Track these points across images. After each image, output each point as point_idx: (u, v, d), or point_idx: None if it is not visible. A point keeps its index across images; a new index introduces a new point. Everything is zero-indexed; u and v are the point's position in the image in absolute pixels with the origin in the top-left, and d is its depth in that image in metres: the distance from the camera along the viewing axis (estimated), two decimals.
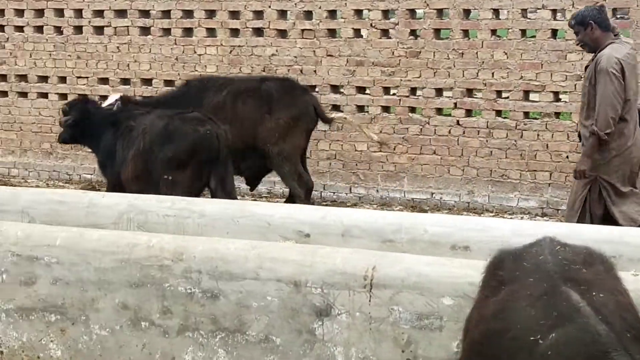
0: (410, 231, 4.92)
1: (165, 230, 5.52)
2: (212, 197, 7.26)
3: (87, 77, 10.66)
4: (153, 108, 7.85)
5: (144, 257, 4.47)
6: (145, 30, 10.32)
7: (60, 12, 10.69)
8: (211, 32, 10.10)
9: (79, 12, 10.58)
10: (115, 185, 7.40)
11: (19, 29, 10.95)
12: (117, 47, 10.43)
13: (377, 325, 4.00)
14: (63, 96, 10.80)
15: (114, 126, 7.55)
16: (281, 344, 4.18)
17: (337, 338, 4.08)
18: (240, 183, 8.60)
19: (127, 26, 10.35)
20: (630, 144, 6.39)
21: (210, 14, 10.04)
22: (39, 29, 10.85)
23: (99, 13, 10.47)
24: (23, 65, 10.98)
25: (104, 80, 10.62)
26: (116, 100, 7.90)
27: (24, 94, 11.09)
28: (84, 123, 7.73)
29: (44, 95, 10.98)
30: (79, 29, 10.63)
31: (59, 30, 10.73)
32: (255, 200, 8.82)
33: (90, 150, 8.43)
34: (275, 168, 8.35)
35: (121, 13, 10.41)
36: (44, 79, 10.96)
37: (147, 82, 10.40)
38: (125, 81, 10.52)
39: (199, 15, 10.01)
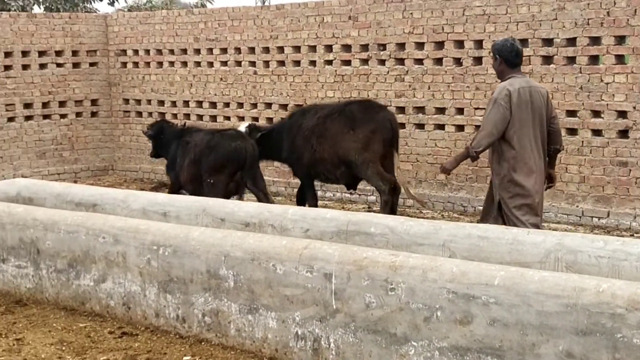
0: None
1: (598, 273, 5.14)
2: (254, 194, 9.65)
3: (484, 109, 10.50)
4: (262, 131, 10.04)
5: (592, 303, 4.10)
6: (547, 59, 9.97)
7: (460, 44, 10.70)
8: (620, 59, 9.49)
9: (479, 43, 10.51)
10: (176, 184, 9.78)
11: (419, 61, 11.14)
12: None
13: None
14: (460, 127, 10.81)
15: (177, 141, 9.80)
16: None
17: None
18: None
19: (529, 55, 10.05)
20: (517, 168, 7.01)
21: (620, 40, 9.43)
22: (439, 61, 10.95)
23: None
24: (421, 98, 11.14)
25: None
26: (246, 127, 10.09)
27: (421, 126, 11.25)
28: (159, 138, 10.13)
29: (441, 127, 11.05)
30: (478, 60, 10.56)
31: (458, 61, 10.73)
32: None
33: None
34: (361, 174, 9.52)
35: (523, 43, 10.13)
36: (441, 110, 11.03)
37: None
38: None
39: (608, 41, 9.44)
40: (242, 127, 10.21)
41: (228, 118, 13.25)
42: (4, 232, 6.78)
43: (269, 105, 12.80)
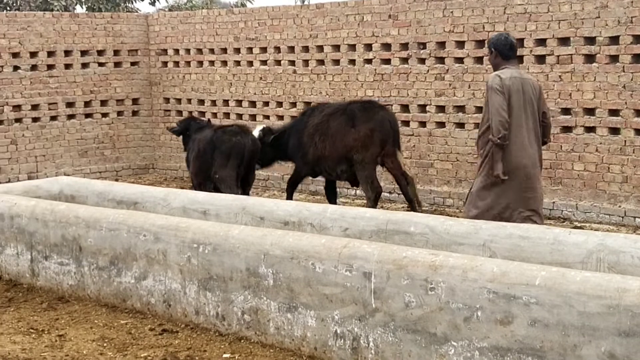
0: None
1: None
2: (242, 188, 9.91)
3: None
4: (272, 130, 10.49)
5: (635, 304, 4.04)
6: (589, 58, 9.86)
7: None
8: None
9: (520, 42, 10.33)
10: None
11: (459, 60, 11.07)
12: (559, 76, 10.09)
13: None
14: None
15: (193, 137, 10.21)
16: None
17: None
18: None
19: (571, 54, 9.95)
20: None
21: None
22: (479, 60, 10.88)
23: (541, 42, 10.21)
24: (461, 97, 11.08)
25: None
26: (259, 131, 10.36)
27: (461, 125, 11.18)
28: (184, 134, 10.52)
29: None
30: (519, 59, 10.41)
31: None
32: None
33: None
34: (357, 172, 9.82)
35: (564, 41, 10.06)
36: (481, 109, 10.85)
37: (590, 111, 9.92)
38: (566, 111, 10.14)
39: None
40: (256, 130, 10.43)
41: (267, 117, 13.28)
42: (46, 230, 6.87)
43: (308, 104, 12.76)
